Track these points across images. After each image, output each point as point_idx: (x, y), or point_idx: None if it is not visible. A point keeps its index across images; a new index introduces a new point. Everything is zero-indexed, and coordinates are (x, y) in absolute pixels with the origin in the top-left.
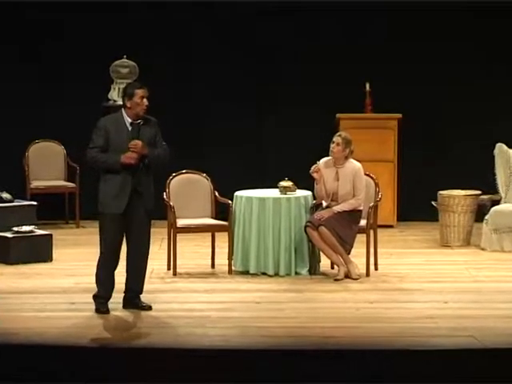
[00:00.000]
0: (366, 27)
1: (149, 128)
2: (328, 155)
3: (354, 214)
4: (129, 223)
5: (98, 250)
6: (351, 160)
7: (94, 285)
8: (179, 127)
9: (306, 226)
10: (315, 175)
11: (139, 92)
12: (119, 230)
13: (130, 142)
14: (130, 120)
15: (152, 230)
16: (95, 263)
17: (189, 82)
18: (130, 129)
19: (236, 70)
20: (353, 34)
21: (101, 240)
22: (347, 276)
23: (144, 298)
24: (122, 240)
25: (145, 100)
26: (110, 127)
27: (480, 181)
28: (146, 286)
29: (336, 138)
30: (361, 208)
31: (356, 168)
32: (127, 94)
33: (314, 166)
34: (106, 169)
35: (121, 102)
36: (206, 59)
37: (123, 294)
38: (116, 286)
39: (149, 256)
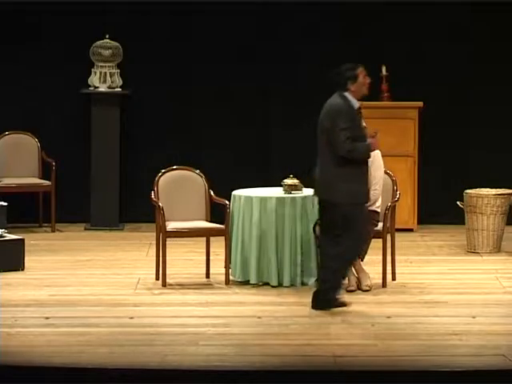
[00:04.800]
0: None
1: None
2: None
3: (372, 214)
4: None
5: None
6: None
7: (72, 297)
8: (169, 118)
9: (315, 224)
10: None
11: (360, 71)
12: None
13: (360, 128)
14: (357, 104)
15: (138, 234)
16: (72, 272)
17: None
18: (356, 113)
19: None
20: (362, 8)
21: (355, 231)
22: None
23: (129, 311)
24: None
25: (367, 77)
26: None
27: None
28: (130, 298)
29: None
30: (377, 208)
31: (374, 152)
32: (350, 77)
33: None
34: (358, 159)
35: (102, 89)
36: (202, 36)
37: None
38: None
39: None
